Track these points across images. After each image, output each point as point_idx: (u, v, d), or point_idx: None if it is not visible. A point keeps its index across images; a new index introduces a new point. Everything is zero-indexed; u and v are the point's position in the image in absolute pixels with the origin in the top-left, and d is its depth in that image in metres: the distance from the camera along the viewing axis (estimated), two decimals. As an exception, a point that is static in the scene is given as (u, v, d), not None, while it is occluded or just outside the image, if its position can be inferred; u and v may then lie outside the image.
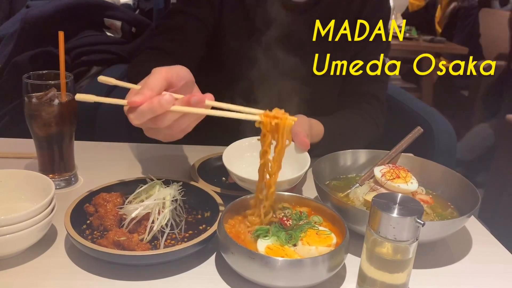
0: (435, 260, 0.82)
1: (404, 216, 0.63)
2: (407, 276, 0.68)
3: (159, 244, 0.77)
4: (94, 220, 0.81)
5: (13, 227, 0.69)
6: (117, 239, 0.73)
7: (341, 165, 1.02)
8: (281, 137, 0.74)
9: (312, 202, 0.83)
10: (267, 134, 0.75)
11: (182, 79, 0.76)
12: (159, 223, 0.78)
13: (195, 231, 0.81)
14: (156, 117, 0.68)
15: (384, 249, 0.66)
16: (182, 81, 0.76)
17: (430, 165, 1.00)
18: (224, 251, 0.72)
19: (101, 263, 0.72)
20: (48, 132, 0.92)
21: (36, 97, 0.90)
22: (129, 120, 0.70)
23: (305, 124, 1.00)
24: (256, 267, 0.67)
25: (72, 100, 0.93)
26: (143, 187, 0.82)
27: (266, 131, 0.74)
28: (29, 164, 1.03)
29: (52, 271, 0.72)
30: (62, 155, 0.96)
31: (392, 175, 0.90)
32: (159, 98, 0.67)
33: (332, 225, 0.79)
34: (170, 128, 0.71)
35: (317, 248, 0.72)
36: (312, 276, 0.68)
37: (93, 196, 0.83)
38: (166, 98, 0.67)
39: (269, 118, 0.73)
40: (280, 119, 0.73)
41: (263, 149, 0.76)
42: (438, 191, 0.97)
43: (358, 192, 0.92)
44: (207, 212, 0.86)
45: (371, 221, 0.66)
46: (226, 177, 1.01)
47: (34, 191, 0.80)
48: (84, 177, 1.00)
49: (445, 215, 0.90)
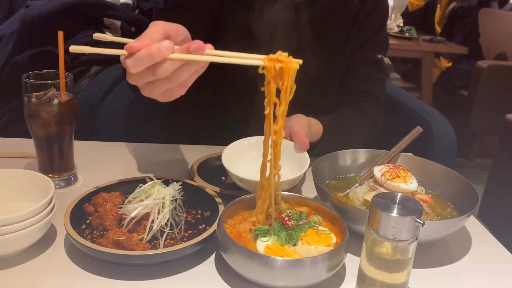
0: (434, 259, 0.82)
1: (403, 216, 0.63)
2: (406, 275, 0.68)
3: (158, 244, 0.77)
4: (93, 219, 0.81)
5: (12, 227, 0.69)
6: (117, 238, 0.73)
7: (341, 165, 1.02)
8: (286, 81, 0.71)
9: (312, 202, 0.83)
10: (272, 81, 0.71)
11: (181, 34, 0.73)
12: (159, 223, 0.78)
13: (194, 230, 0.81)
14: (154, 66, 0.65)
15: (384, 249, 0.66)
16: (180, 37, 0.73)
17: (430, 165, 1.00)
18: (223, 251, 0.72)
19: (101, 263, 0.72)
20: (48, 131, 0.92)
21: (36, 96, 0.90)
22: (127, 69, 0.67)
23: (304, 123, 1.00)
24: (255, 266, 0.67)
25: (72, 100, 0.93)
26: (143, 187, 0.82)
27: (271, 78, 0.71)
28: (28, 164, 1.03)
29: (52, 270, 0.72)
30: (62, 155, 0.95)
31: (392, 174, 0.90)
32: (157, 44, 0.64)
33: (331, 225, 0.79)
34: (169, 80, 0.68)
35: (316, 248, 0.72)
36: (312, 275, 0.68)
37: (93, 196, 0.83)
38: (165, 44, 0.64)
39: (273, 62, 0.70)
40: (285, 62, 0.70)
41: (267, 99, 0.72)
42: (437, 191, 0.97)
43: (357, 192, 0.92)
44: (206, 212, 0.86)
45: (371, 221, 0.66)
46: (226, 177, 1.01)
47: (33, 190, 0.80)
48: (83, 177, 1.00)
49: (445, 215, 0.90)
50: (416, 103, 1.46)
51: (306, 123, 1.01)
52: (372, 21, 1.23)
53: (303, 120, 1.01)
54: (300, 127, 0.97)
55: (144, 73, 0.66)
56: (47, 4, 1.65)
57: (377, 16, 1.24)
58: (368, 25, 1.23)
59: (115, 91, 1.34)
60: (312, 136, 1.04)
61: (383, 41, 1.29)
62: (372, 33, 1.25)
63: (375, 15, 1.23)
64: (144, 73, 0.66)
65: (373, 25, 1.24)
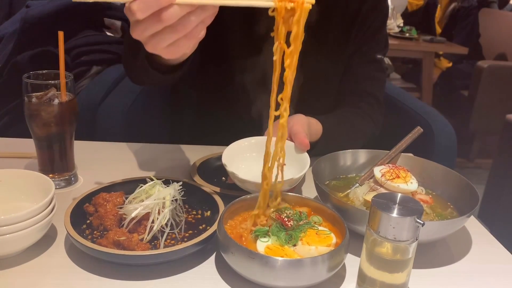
0: (434, 260, 0.82)
1: (404, 216, 0.63)
2: (406, 276, 0.68)
3: (159, 244, 0.77)
4: (94, 220, 0.81)
5: (13, 227, 0.69)
6: (117, 239, 0.73)
7: (341, 165, 1.02)
8: (297, 25, 0.67)
9: (312, 202, 0.83)
10: (281, 24, 0.67)
11: None
12: (159, 223, 0.78)
13: (195, 231, 0.81)
14: (160, 11, 0.63)
15: (384, 249, 0.66)
16: None
17: (430, 165, 1.00)
18: (224, 251, 0.72)
19: (101, 263, 0.73)
20: (48, 132, 0.93)
21: (36, 97, 0.90)
22: (132, 15, 0.64)
23: (304, 123, 1.00)
24: (256, 267, 0.67)
25: (72, 100, 0.93)
26: (143, 187, 0.82)
27: (280, 20, 0.67)
28: (29, 164, 1.04)
29: (52, 270, 0.72)
30: (62, 155, 0.96)
31: (392, 175, 0.90)
32: None
33: (332, 225, 0.79)
34: (175, 29, 0.66)
35: (317, 248, 0.72)
36: (312, 276, 0.68)
37: (93, 196, 0.83)
38: None
39: (284, 1, 0.66)
40: (296, 2, 0.66)
41: (276, 45, 0.69)
42: (437, 191, 0.97)
43: (358, 192, 0.92)
44: (207, 212, 0.86)
45: (371, 221, 0.66)
46: (226, 177, 1.01)
47: (34, 191, 0.80)
48: (84, 177, 1.01)
49: (445, 215, 0.90)
50: (416, 103, 1.47)
51: (306, 123, 1.01)
52: (372, 22, 1.23)
53: (303, 120, 1.01)
54: (301, 127, 0.97)
55: (149, 21, 0.64)
56: (47, 4, 1.65)
57: (377, 16, 1.24)
58: (368, 25, 1.23)
59: (115, 91, 1.34)
60: (312, 136, 1.04)
61: (383, 41, 1.29)
62: (371, 33, 1.25)
63: (374, 16, 1.23)
64: (150, 21, 0.64)
65: (372, 25, 1.24)
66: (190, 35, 0.68)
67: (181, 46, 0.69)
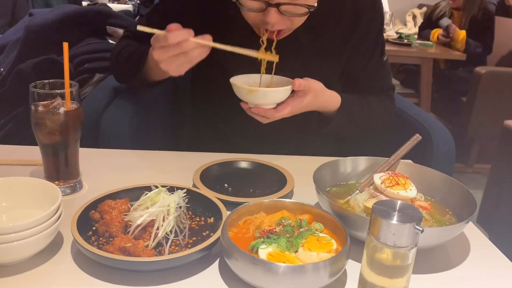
0: (434, 265, 0.83)
1: (403, 223, 0.64)
2: (406, 281, 0.69)
3: (163, 250, 0.78)
4: (99, 226, 0.82)
5: (21, 234, 0.71)
6: (123, 245, 0.75)
7: (341, 172, 1.04)
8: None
9: (313, 209, 0.84)
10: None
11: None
12: (164, 230, 0.79)
13: (198, 237, 0.83)
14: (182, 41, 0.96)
15: (384, 255, 0.67)
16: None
17: (429, 172, 1.01)
18: (227, 257, 0.74)
19: (107, 269, 0.74)
20: (53, 139, 0.94)
21: (42, 105, 0.92)
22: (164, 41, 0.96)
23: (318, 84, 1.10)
24: (259, 273, 0.69)
25: (77, 109, 0.94)
26: (148, 194, 0.84)
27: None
28: (34, 171, 1.05)
29: (59, 277, 0.73)
30: (67, 162, 0.97)
31: (392, 182, 0.91)
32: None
33: (332, 232, 0.80)
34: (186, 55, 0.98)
35: (318, 254, 0.73)
36: (314, 281, 0.70)
37: (99, 203, 0.85)
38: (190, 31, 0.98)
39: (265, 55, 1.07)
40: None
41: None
42: (436, 198, 0.99)
43: (358, 199, 0.94)
44: (210, 219, 0.87)
45: (371, 228, 0.67)
46: (229, 184, 1.02)
47: (41, 198, 0.82)
48: (88, 184, 1.02)
49: (444, 221, 0.91)
50: (414, 110, 1.48)
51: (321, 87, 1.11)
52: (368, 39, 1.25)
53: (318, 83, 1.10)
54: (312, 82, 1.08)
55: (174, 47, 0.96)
56: (50, 12, 1.67)
57: (374, 29, 1.26)
58: (363, 30, 1.24)
59: (118, 98, 1.36)
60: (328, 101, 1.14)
61: (379, 43, 1.30)
62: (370, 38, 1.26)
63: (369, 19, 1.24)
64: (174, 47, 0.96)
65: (368, 31, 1.25)
66: (192, 61, 1.00)
67: (184, 67, 1.01)
